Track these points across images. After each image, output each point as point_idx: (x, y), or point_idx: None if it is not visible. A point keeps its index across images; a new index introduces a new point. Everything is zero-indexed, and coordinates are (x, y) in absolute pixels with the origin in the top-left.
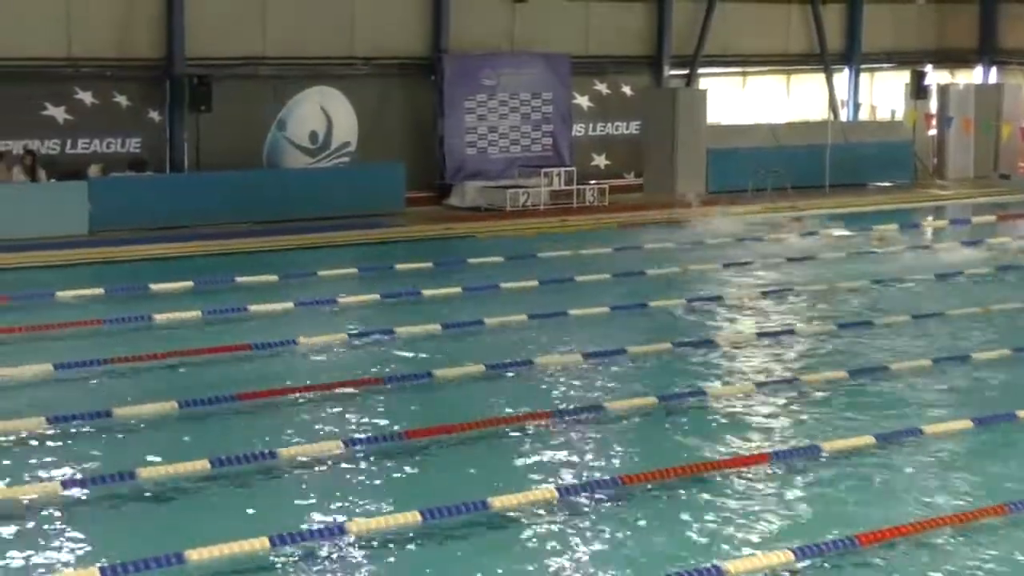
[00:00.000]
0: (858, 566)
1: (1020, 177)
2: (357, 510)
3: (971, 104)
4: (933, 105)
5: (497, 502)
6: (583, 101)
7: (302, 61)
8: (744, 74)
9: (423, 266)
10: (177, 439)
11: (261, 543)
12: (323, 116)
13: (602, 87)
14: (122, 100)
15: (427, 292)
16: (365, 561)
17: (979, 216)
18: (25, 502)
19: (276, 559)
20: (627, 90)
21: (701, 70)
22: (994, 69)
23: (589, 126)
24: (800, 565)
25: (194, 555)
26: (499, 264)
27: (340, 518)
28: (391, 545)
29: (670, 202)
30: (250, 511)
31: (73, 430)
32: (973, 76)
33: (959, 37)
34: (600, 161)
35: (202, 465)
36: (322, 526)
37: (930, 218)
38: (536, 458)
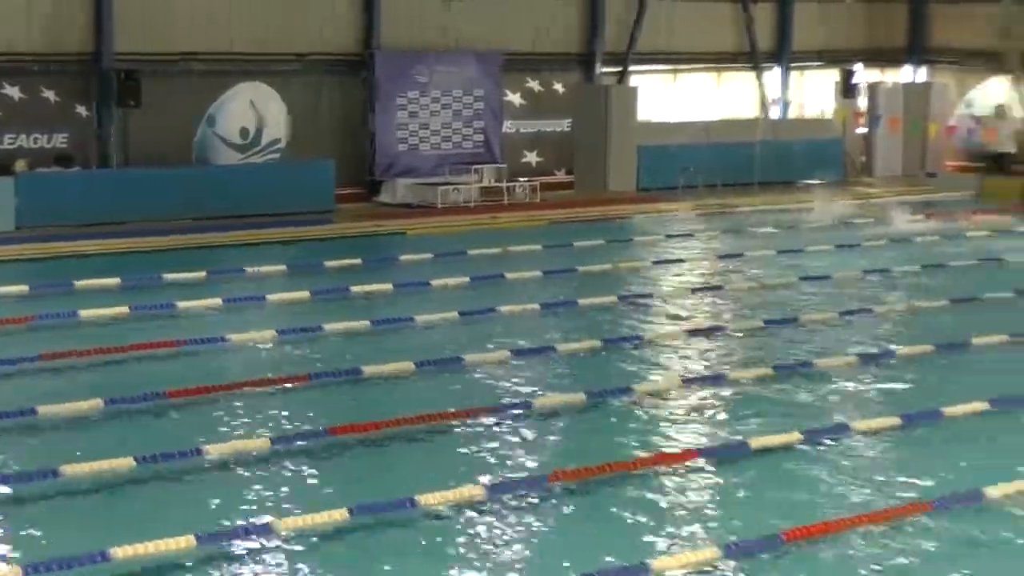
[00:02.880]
0: (784, 563)
1: (947, 175)
2: (284, 508)
3: (900, 103)
4: (862, 103)
5: (425, 500)
6: (515, 98)
7: (233, 57)
8: (675, 72)
9: (353, 263)
10: (103, 437)
11: (187, 541)
12: (254, 113)
13: (534, 84)
14: (50, 95)
15: (356, 289)
16: (292, 559)
17: (906, 214)
18: None
19: (202, 557)
20: (559, 87)
21: (633, 68)
22: (923, 68)
23: (520, 123)
24: (727, 562)
25: (119, 553)
26: (429, 261)
27: (267, 516)
28: (318, 543)
29: (601, 199)
30: (176, 509)
31: None
32: (902, 75)
33: (888, 36)
34: (531, 158)
35: (128, 463)
36: (249, 524)
37: (860, 216)
38: (465, 455)
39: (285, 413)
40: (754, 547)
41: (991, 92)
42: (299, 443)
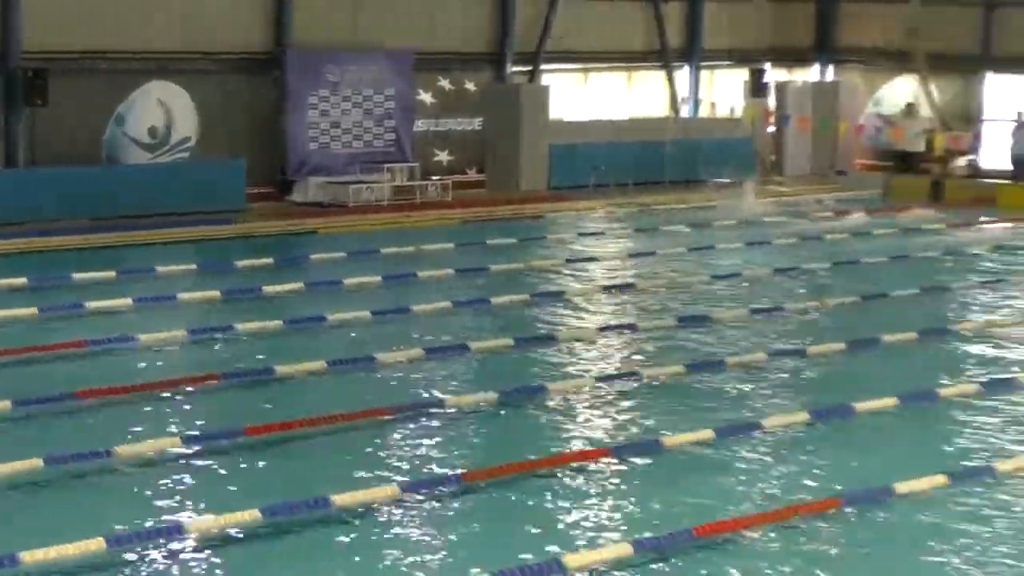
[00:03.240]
0: (695, 559)
1: (856, 173)
2: (196, 509)
3: (808, 102)
4: (772, 102)
5: (339, 500)
6: (426, 97)
7: (142, 55)
8: (586, 71)
9: (264, 262)
10: (11, 438)
11: (97, 544)
12: (163, 111)
13: (445, 83)
14: None
15: (268, 288)
16: (204, 560)
17: (817, 211)
18: None
19: (113, 560)
20: (470, 86)
21: (544, 67)
22: (831, 67)
23: (432, 122)
24: (639, 558)
25: (28, 557)
26: (341, 260)
27: (179, 517)
28: (231, 544)
29: (513, 198)
30: (87, 511)
31: None
32: (810, 74)
33: (797, 35)
34: (443, 157)
35: (37, 464)
36: (160, 525)
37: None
38: (378, 455)
39: (197, 413)
40: (666, 543)
41: (899, 91)
42: (211, 443)
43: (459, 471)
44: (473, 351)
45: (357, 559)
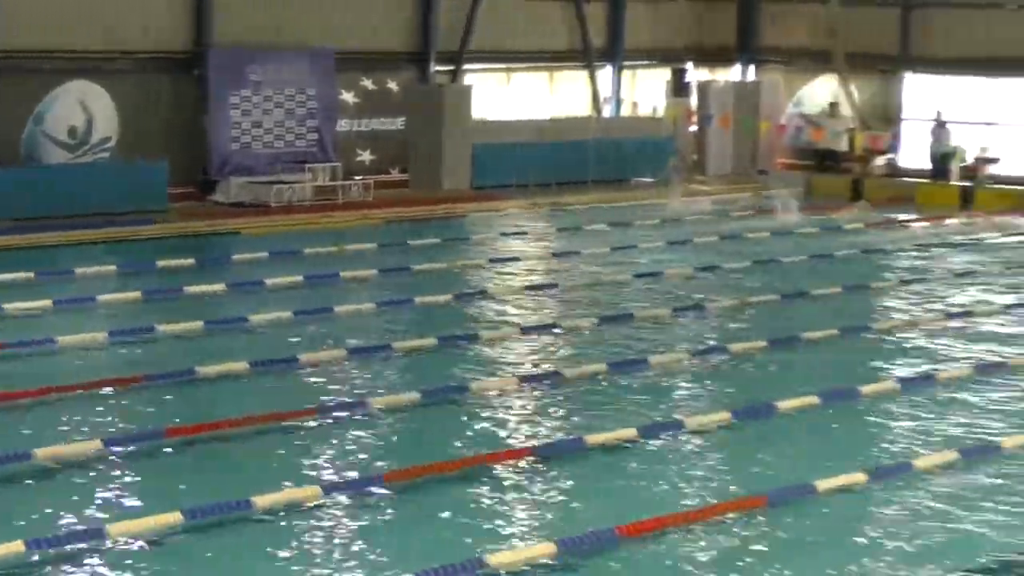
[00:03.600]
0: (619, 557)
1: (777, 173)
2: (117, 511)
3: (730, 101)
4: (694, 102)
5: (260, 501)
6: (348, 97)
7: (61, 55)
8: (509, 70)
9: (186, 263)
10: None
11: (16, 547)
12: (82, 111)
13: (368, 82)
14: None
15: (190, 289)
16: (126, 563)
17: (737, 211)
18: None
19: (33, 562)
20: (393, 86)
21: (466, 66)
22: (752, 67)
23: (354, 122)
24: (562, 557)
25: None
26: (263, 260)
27: (100, 519)
28: (152, 546)
29: (436, 198)
30: (6, 514)
31: None
32: (732, 74)
33: (718, 35)
34: (365, 157)
35: None
36: (81, 528)
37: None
38: (300, 455)
39: (118, 415)
40: (589, 542)
41: (819, 91)
42: (132, 445)
43: (382, 471)
44: (396, 351)
45: (279, 561)
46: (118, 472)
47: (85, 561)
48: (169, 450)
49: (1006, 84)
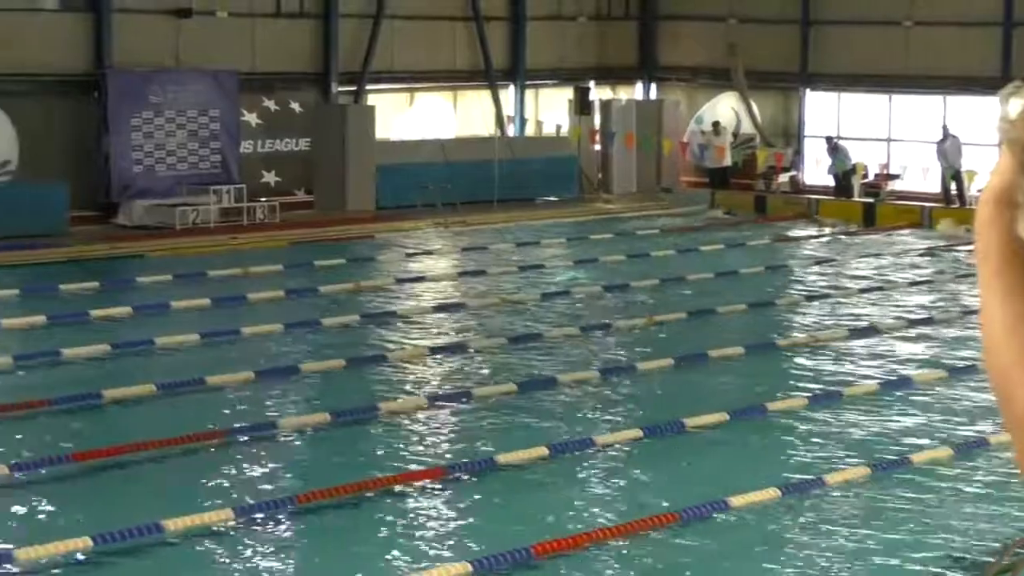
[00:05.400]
0: None
1: (681, 191)
2: (24, 537)
3: (633, 119)
4: (597, 120)
5: (171, 525)
6: (251, 118)
7: None
8: (411, 90)
9: (89, 286)
10: None
11: None
12: None
13: (270, 104)
14: None
15: (95, 313)
16: None
17: (642, 229)
18: None
19: None
20: (296, 106)
21: (369, 86)
22: (653, 85)
23: (258, 143)
24: None
25: None
26: (169, 283)
27: (7, 545)
28: (60, 573)
29: (341, 218)
30: None
31: None
32: (634, 92)
33: (619, 54)
34: (270, 178)
35: None
36: None
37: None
38: (211, 478)
39: (23, 440)
40: (504, 562)
41: (721, 108)
42: (39, 470)
43: (293, 493)
44: (304, 372)
45: None
46: (25, 498)
47: None
48: (77, 475)
49: (903, 101)
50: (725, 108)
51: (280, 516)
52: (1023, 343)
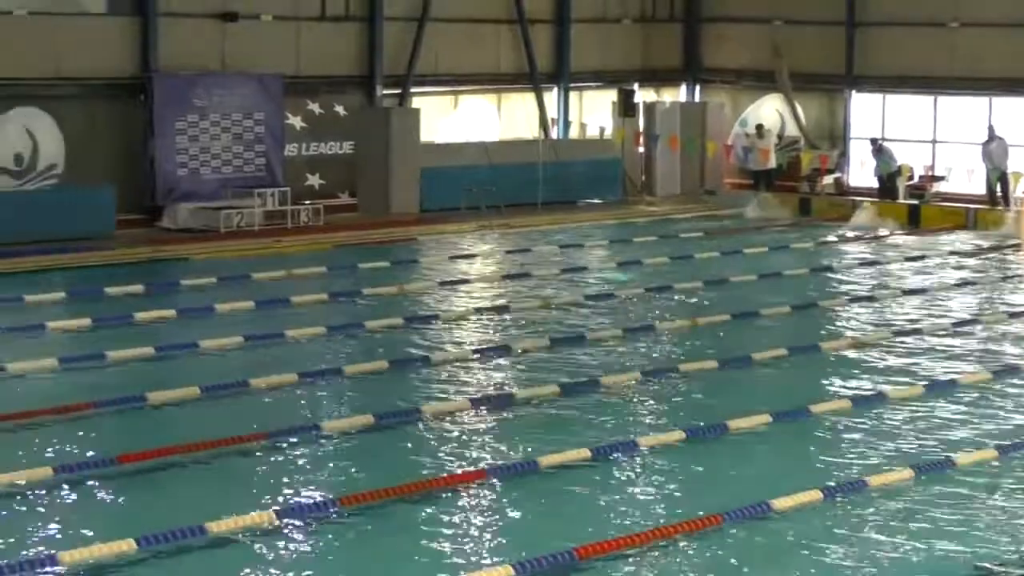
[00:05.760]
0: None
1: (725, 193)
2: (70, 539)
3: (677, 122)
4: (641, 123)
5: (215, 527)
6: (296, 121)
7: (6, 82)
8: (456, 93)
9: (135, 289)
10: None
11: None
12: (28, 138)
13: (315, 107)
14: None
15: (140, 316)
16: None
17: (686, 231)
18: None
19: None
20: (340, 110)
21: (413, 89)
22: (697, 87)
23: (302, 146)
24: None
25: None
26: (213, 286)
27: (52, 547)
28: (106, 574)
29: (385, 221)
30: None
31: None
32: (679, 94)
33: (664, 56)
34: (314, 181)
35: None
36: (33, 556)
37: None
38: (254, 481)
39: (69, 442)
40: (547, 564)
41: (765, 110)
42: (84, 472)
43: (336, 495)
44: (347, 375)
45: None
46: (71, 500)
47: None
48: (122, 477)
49: (949, 102)
50: (769, 110)
51: (322, 518)
52: None
